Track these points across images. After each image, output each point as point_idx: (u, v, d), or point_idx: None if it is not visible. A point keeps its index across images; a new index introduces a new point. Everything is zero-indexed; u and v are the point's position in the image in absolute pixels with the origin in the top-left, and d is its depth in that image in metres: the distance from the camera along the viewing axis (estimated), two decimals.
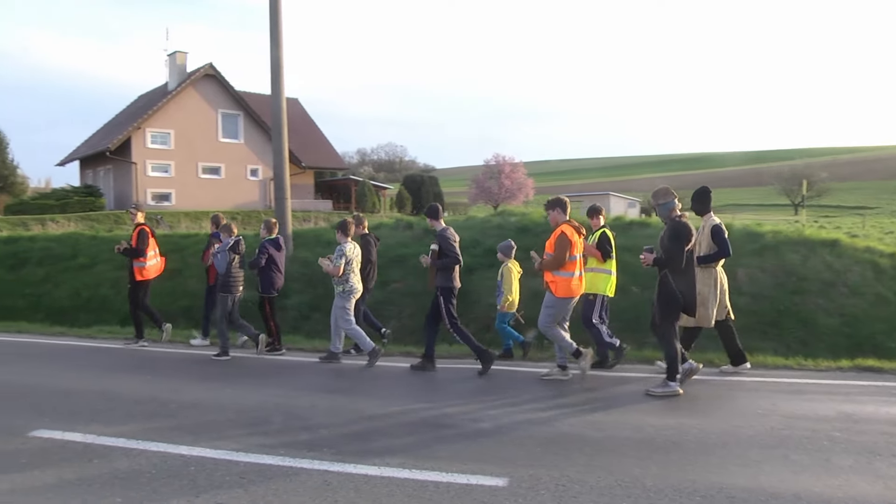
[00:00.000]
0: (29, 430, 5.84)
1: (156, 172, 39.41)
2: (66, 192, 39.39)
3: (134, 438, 5.55)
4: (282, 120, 13.76)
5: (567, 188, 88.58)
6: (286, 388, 7.30)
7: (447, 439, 5.48)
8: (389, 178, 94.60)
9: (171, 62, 41.49)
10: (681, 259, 6.87)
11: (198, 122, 40.47)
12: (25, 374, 8.35)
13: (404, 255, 12.39)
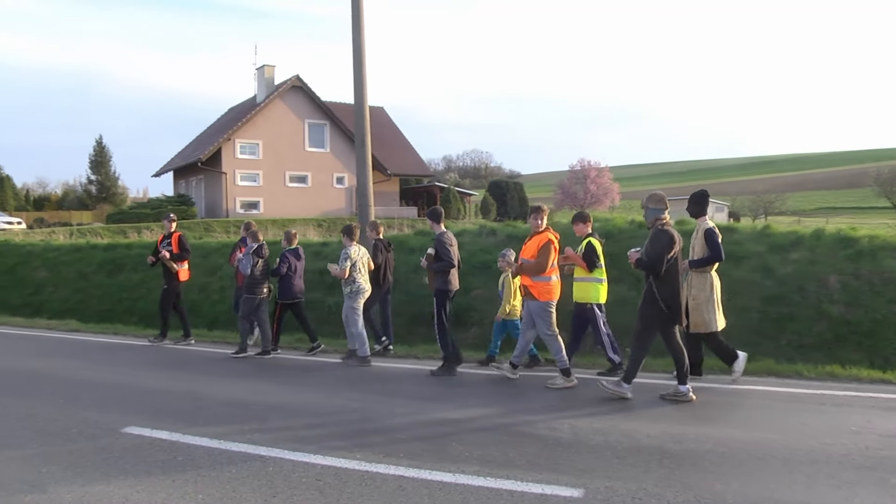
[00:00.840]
0: (121, 427, 6.17)
1: (245, 182, 40.79)
2: (161, 201, 41.15)
3: (217, 438, 5.76)
4: (365, 130, 14.00)
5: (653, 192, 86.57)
6: (367, 394, 7.40)
7: (524, 447, 5.45)
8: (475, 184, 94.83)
9: (260, 75, 42.93)
10: (659, 266, 6.89)
11: (285, 132, 41.69)
12: (120, 374, 8.80)
13: (487, 262, 12.39)
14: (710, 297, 7.65)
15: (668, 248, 6.91)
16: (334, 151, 43.42)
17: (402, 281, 12.75)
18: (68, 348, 11.13)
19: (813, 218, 55.23)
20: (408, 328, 11.83)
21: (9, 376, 8.85)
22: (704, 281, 7.70)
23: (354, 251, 9.59)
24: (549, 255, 7.74)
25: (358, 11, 13.79)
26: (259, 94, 42.87)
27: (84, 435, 5.99)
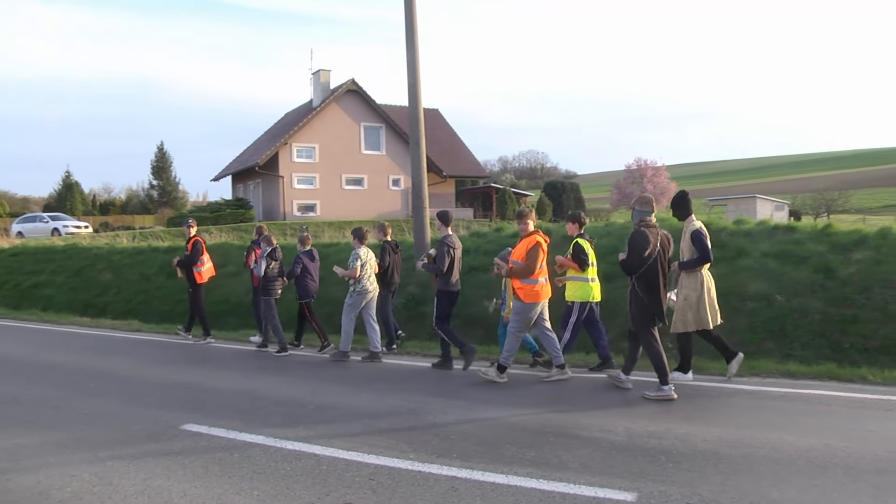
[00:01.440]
0: (181, 424, 6.36)
1: (301, 185, 41.43)
2: (220, 204, 42.10)
3: (272, 437, 5.88)
4: (419, 132, 14.11)
5: (712, 191, 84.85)
6: (420, 394, 7.46)
7: (576, 449, 5.42)
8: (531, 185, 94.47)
9: (316, 80, 43.56)
10: (636, 266, 7.22)
11: (341, 135, 42.21)
12: (179, 373, 9.07)
13: None
14: (701, 295, 7.76)
15: (644, 248, 7.17)
16: (390, 154, 43.78)
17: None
18: (131, 347, 11.50)
19: (879, 216, 53.29)
20: (463, 330, 11.85)
21: (76, 374, 9.19)
22: (695, 280, 7.81)
23: (364, 253, 10.02)
24: (536, 258, 7.98)
25: (411, 14, 13.91)
26: (315, 98, 43.51)
27: (146, 431, 6.20)
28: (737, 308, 10.02)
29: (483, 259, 13.28)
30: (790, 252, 10.62)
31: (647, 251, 7.17)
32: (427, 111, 14.30)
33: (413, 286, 13.36)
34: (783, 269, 10.34)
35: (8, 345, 12.15)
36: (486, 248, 13.80)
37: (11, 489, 4.89)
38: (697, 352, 8.56)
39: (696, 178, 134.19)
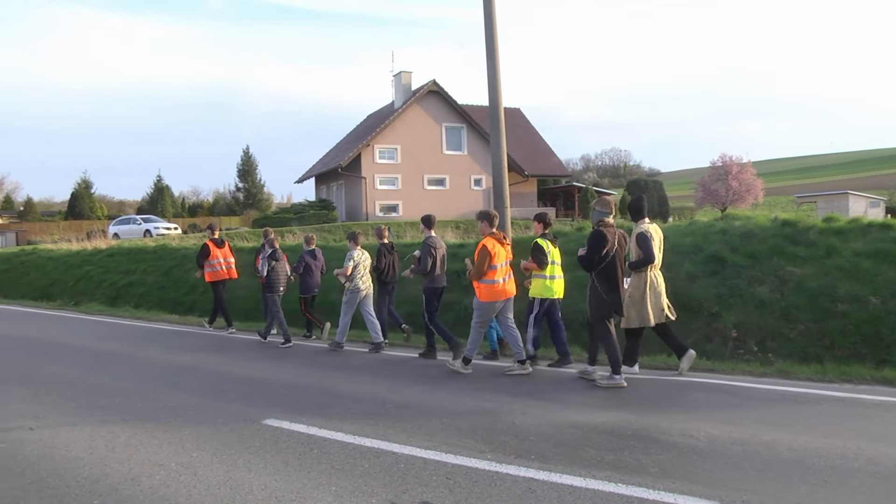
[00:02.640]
0: (262, 419, 6.53)
1: (384, 186, 41.98)
2: (303, 206, 43.04)
3: (351, 433, 5.97)
4: (500, 132, 14.06)
5: (801, 188, 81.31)
6: (499, 394, 7.43)
7: (656, 453, 5.30)
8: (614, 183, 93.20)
9: (397, 82, 44.04)
10: (592, 263, 7.84)
11: (423, 136, 42.56)
12: (261, 369, 9.31)
13: None
14: (644, 294, 8.27)
15: (602, 246, 7.77)
16: (471, 154, 43.87)
17: None
18: (216, 344, 11.88)
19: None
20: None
21: (165, 368, 9.59)
22: (640, 280, 8.32)
23: (358, 254, 11.02)
24: (483, 260, 8.49)
25: (490, 14, 13.90)
26: (397, 100, 43.99)
27: (229, 425, 6.40)
28: (826, 310, 9.64)
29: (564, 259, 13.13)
30: (886, 251, 10.12)
31: (604, 249, 7.77)
32: (508, 110, 14.29)
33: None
34: (878, 270, 9.87)
35: (104, 339, 12.76)
36: (567, 248, 13.62)
37: (108, 474, 5.18)
38: (782, 355, 8.29)
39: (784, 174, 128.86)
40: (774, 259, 10.83)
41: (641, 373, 8.44)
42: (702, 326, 10.35)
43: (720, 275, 10.98)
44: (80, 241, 30.70)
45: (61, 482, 5.05)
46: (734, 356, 9.57)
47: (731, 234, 11.96)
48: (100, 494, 4.78)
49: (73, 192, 74.36)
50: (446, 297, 11.55)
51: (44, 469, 5.37)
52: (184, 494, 4.70)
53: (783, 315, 9.97)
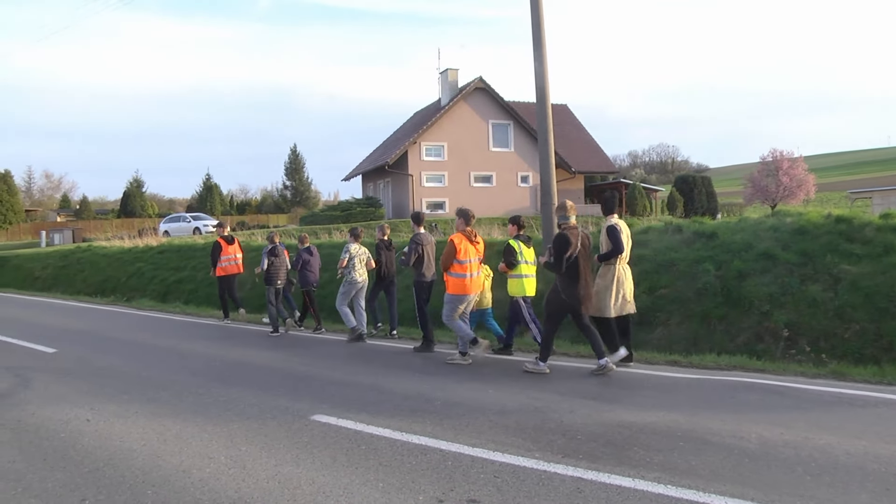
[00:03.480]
0: (310, 414, 6.61)
1: (430, 183, 42.05)
2: (350, 203, 43.34)
3: (399, 430, 6.00)
4: (547, 128, 13.98)
5: (855, 183, 78.65)
6: (548, 392, 7.38)
7: (707, 455, 5.20)
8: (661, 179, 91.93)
9: (443, 79, 44.06)
10: (560, 265, 8.29)
11: (469, 133, 42.53)
12: (308, 365, 9.42)
13: (673, 260, 11.97)
14: (608, 286, 8.67)
15: (565, 249, 8.24)
16: (518, 151, 43.72)
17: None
18: (264, 341, 12.03)
19: None
20: None
21: (214, 363, 9.77)
22: (607, 272, 8.75)
23: (354, 248, 11.86)
24: (447, 255, 9.19)
25: (537, 11, 13.82)
26: (443, 97, 44.02)
27: (277, 420, 6.48)
28: (884, 309, 9.38)
29: None
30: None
31: (569, 251, 8.24)
32: (555, 107, 14.21)
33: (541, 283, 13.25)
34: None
35: (156, 334, 13.04)
36: None
37: (161, 465, 5.31)
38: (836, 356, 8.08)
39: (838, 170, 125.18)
40: (828, 257, 10.56)
41: (690, 373, 8.31)
42: (752, 325, 10.16)
43: (771, 272, 10.76)
44: (132, 239, 31.42)
45: (116, 472, 5.19)
46: (785, 356, 9.37)
47: (782, 231, 11.71)
48: (153, 485, 4.89)
49: (125, 191, 76.30)
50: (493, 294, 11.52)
51: (100, 459, 5.53)
52: (233, 487, 4.77)
53: (837, 314, 9.73)
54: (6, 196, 65.72)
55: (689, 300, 11.09)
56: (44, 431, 6.42)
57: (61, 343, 11.92)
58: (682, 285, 11.39)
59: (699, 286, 11.13)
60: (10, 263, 33.10)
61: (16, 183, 69.97)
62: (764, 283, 10.54)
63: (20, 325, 14.77)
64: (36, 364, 9.94)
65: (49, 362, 10.12)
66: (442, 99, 44.14)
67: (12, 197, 66.97)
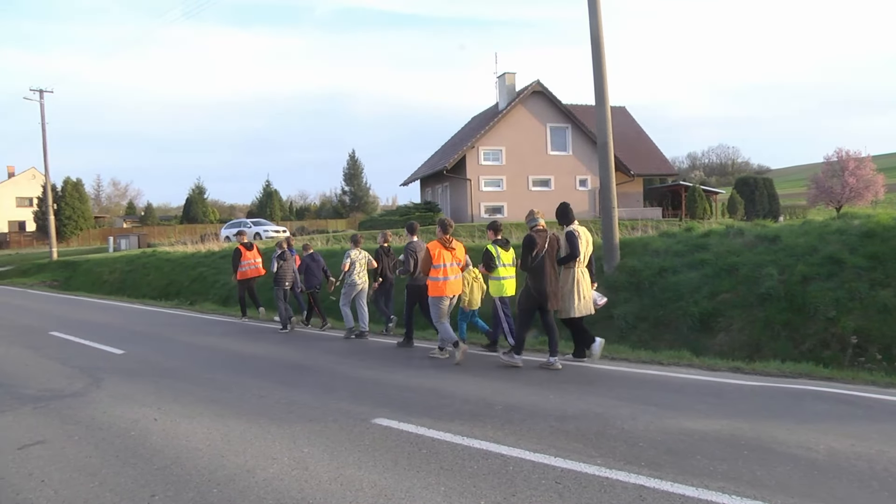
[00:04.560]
0: (371, 418, 6.66)
1: (488, 187, 42.12)
2: (409, 208, 43.70)
3: (460, 434, 6.01)
4: (606, 131, 13.88)
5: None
6: (608, 398, 7.30)
7: (773, 465, 5.07)
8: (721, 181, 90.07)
9: (501, 83, 44.11)
10: (527, 263, 9.19)
11: (527, 137, 42.47)
12: (370, 369, 9.49)
13: (734, 264, 11.74)
14: (571, 289, 9.37)
15: (531, 248, 9.13)
16: (577, 154, 43.47)
17: (646, 284, 12.44)
18: (325, 344, 12.17)
19: None
20: (651, 333, 11.52)
21: (276, 365, 9.94)
22: (568, 275, 9.44)
23: (355, 253, 12.89)
24: (424, 261, 10.25)
25: (595, 13, 13.72)
26: (501, 101, 44.04)
27: (339, 423, 6.55)
28: None
29: (673, 260, 12.84)
30: None
31: (534, 250, 9.10)
32: (613, 109, 14.10)
33: (603, 288, 13.14)
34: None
35: (218, 337, 13.35)
36: (677, 249, 13.31)
37: (225, 465, 5.44)
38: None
39: None
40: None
41: (754, 380, 8.12)
42: (817, 331, 9.88)
43: (838, 277, 10.45)
44: (195, 244, 32.20)
45: (183, 470, 5.35)
46: (854, 364, 9.08)
47: (849, 234, 11.37)
48: (218, 483, 5.01)
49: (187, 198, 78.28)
50: None
51: (168, 457, 5.70)
52: (296, 488, 4.85)
53: None
54: (77, 203, 68.11)
55: (752, 305, 10.85)
56: (115, 429, 6.65)
57: (129, 345, 12.29)
58: (744, 290, 11.15)
59: (762, 291, 10.89)
60: (81, 268, 34.31)
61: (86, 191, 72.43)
62: (830, 288, 10.25)
63: (91, 327, 15.27)
64: (106, 365, 10.28)
65: (118, 363, 10.45)
66: (499, 103, 44.19)
67: (83, 204, 69.38)
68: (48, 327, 15.39)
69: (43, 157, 43.11)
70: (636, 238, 15.71)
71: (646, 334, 11.44)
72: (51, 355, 11.36)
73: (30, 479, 5.36)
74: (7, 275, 39.94)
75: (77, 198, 68.59)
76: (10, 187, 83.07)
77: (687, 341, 10.82)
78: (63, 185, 68.12)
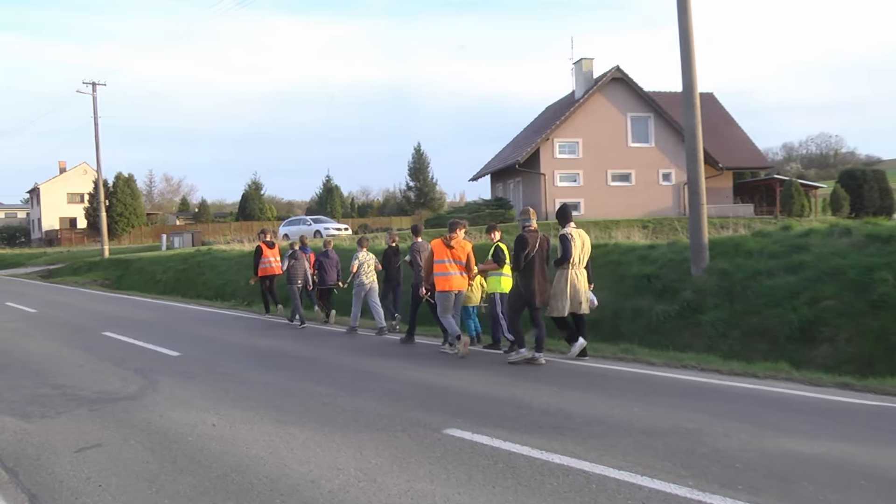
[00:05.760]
0: (443, 428, 6.70)
1: (564, 182, 41.80)
2: (478, 204, 43.74)
3: (538, 448, 5.98)
4: (695, 120, 13.65)
5: None
6: (699, 413, 7.16)
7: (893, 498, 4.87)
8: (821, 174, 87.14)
9: (577, 70, 43.72)
10: (518, 262, 10.13)
11: (606, 128, 41.94)
12: (441, 375, 9.56)
13: (840, 268, 11.39)
14: (563, 289, 10.25)
15: (523, 248, 10.05)
16: (659, 145, 42.73)
17: (738, 289, 12.17)
18: (391, 348, 12.27)
19: None
20: (744, 342, 11.27)
21: (338, 371, 10.07)
22: (561, 275, 10.36)
23: (362, 255, 14.41)
24: (427, 259, 11.69)
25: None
26: (577, 89, 43.67)
27: (408, 432, 6.60)
28: None
29: (769, 262, 12.53)
30: None
31: (526, 250, 10.02)
32: (701, 96, 13.82)
33: (689, 291, 12.94)
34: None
35: (278, 340, 13.64)
36: (773, 250, 12.98)
37: (288, 474, 5.54)
38: None
39: None
40: None
41: (867, 398, 7.83)
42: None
43: None
44: (252, 242, 32.86)
45: (244, 479, 5.47)
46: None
47: None
48: (281, 493, 5.11)
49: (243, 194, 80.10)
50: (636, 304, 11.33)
51: (227, 465, 5.84)
52: (364, 501, 4.90)
53: None
54: (129, 200, 70.47)
55: (862, 314, 10.50)
56: (172, 434, 6.86)
57: (184, 346, 12.64)
58: (851, 297, 10.81)
59: (873, 298, 10.54)
60: (133, 266, 35.45)
61: (137, 187, 74.78)
62: None
63: (145, 328, 15.78)
64: (161, 367, 10.59)
65: (173, 366, 10.75)
66: (576, 91, 43.84)
67: (135, 200, 71.76)
68: (101, 327, 15.96)
69: (95, 152, 44.76)
70: (726, 238, 15.39)
71: (737, 343, 11.21)
72: (104, 356, 11.78)
73: (88, 483, 5.57)
74: (58, 273, 41.59)
75: (129, 194, 70.95)
76: (62, 183, 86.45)
77: (784, 352, 10.56)
78: (114, 181, 70.52)
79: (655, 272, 14.06)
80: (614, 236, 21.02)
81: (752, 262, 12.69)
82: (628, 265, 14.89)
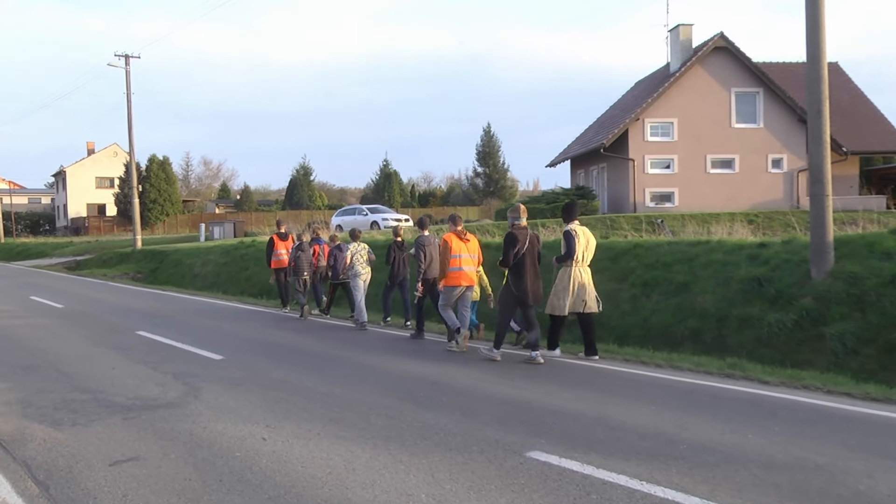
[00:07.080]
0: (525, 451, 6.62)
1: (655, 169, 41.06)
2: (556, 194, 43.33)
3: (637, 478, 5.85)
4: (821, 96, 13.25)
5: None
6: (830, 445, 6.85)
7: None
8: None
9: (673, 38, 42.72)
10: (508, 260, 11.05)
11: (706, 106, 40.99)
12: (520, 389, 9.46)
13: None
14: (566, 287, 11.20)
15: (513, 246, 11.01)
16: (769, 126, 41.58)
17: (873, 297, 11.77)
18: (458, 358, 12.10)
19: None
20: (880, 360, 10.88)
21: (402, 381, 10.11)
22: (563, 273, 11.31)
23: (353, 247, 16.45)
24: (443, 252, 12.46)
25: None
26: (673, 61, 42.84)
27: (485, 454, 6.53)
28: None
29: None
30: None
31: (515, 248, 10.99)
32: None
33: (809, 298, 12.56)
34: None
35: (334, 344, 13.78)
36: None
37: (350, 499, 5.53)
38: None
39: None
40: None
41: None
42: None
43: None
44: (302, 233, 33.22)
45: (300, 501, 5.48)
46: None
47: None
48: None
49: (291, 180, 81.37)
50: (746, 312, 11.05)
51: (280, 485, 5.87)
52: None
53: None
54: (164, 185, 72.00)
55: None
56: (217, 448, 6.92)
57: (228, 349, 12.82)
58: None
59: None
60: (169, 259, 36.20)
61: (173, 171, 76.21)
62: None
63: (183, 327, 16.12)
64: (203, 372, 10.74)
65: (217, 371, 10.90)
66: (672, 63, 43.00)
67: (170, 186, 73.26)
68: (134, 325, 16.35)
69: (127, 132, 45.21)
70: (856, 235, 14.88)
71: (872, 362, 10.84)
72: (139, 358, 12.02)
73: (124, 501, 5.65)
74: (87, 264, 42.72)
75: (164, 178, 72.50)
76: (90, 166, 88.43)
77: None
78: (148, 164, 72.12)
79: (767, 274, 13.69)
80: (714, 231, 20.64)
81: (890, 264, 12.22)
82: (735, 266, 14.54)
